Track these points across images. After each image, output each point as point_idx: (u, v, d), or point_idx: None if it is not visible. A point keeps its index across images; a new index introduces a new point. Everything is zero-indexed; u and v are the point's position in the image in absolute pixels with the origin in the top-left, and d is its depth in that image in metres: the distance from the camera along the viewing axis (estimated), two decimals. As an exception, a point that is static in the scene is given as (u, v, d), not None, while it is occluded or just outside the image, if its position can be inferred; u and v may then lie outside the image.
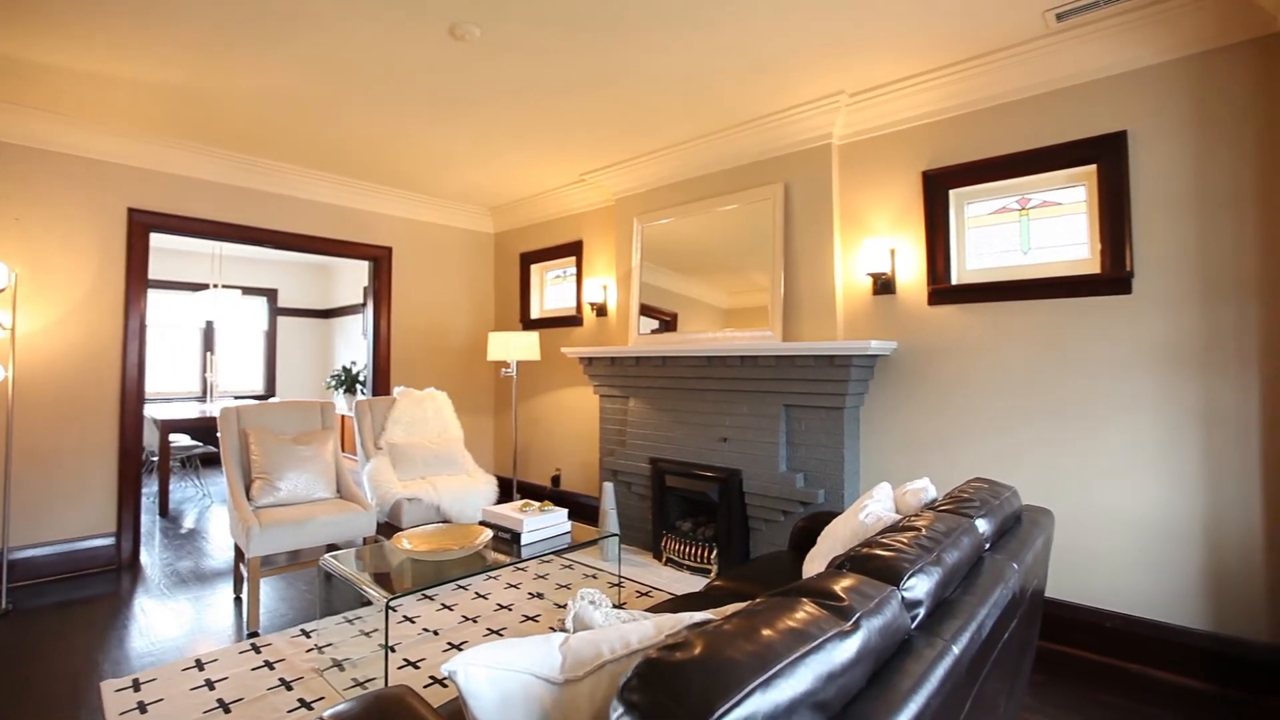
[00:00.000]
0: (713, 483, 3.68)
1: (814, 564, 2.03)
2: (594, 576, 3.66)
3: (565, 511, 3.07)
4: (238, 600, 3.33)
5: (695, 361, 3.80)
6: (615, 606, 2.69)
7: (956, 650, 1.16)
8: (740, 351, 3.51)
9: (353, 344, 8.32)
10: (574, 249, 5.23)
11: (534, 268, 5.73)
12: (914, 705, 0.96)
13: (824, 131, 3.51)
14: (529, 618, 3.06)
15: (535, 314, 5.73)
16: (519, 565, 3.77)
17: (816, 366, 3.27)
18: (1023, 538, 1.85)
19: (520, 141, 4.12)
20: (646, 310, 4.38)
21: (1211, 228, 2.51)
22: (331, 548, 3.47)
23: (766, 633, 0.90)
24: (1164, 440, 2.58)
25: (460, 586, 3.44)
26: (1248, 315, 2.42)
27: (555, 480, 5.35)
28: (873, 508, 1.93)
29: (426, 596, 3.30)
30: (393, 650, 2.70)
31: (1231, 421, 2.45)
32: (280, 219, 4.73)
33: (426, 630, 2.92)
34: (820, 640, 0.91)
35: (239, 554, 3.29)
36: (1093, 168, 2.79)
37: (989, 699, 1.50)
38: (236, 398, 8.05)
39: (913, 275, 3.28)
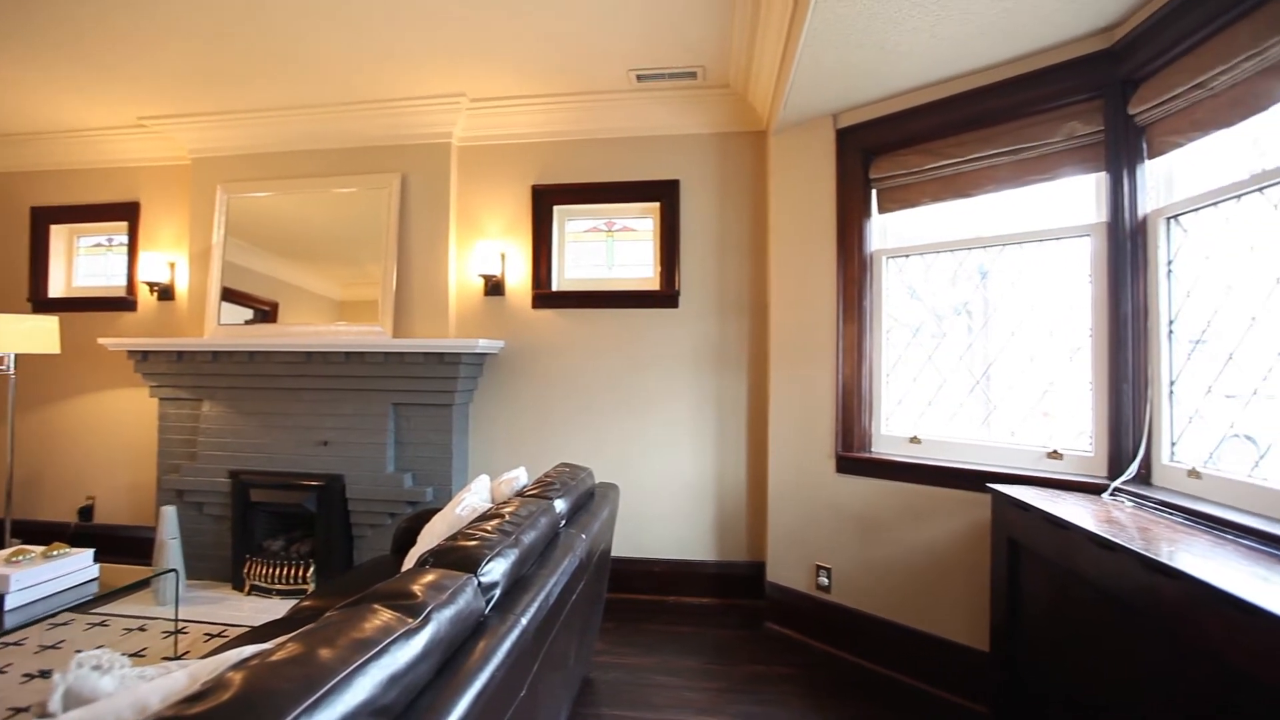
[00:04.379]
0: (310, 492, 3.32)
1: (412, 563, 2.02)
2: (142, 629, 2.90)
3: (91, 552, 2.36)
4: None
5: (293, 357, 3.36)
6: (173, 658, 2.20)
7: (525, 621, 1.30)
8: (346, 347, 3.25)
9: None
10: (126, 211, 4.05)
11: (57, 229, 4.23)
12: (479, 682, 1.04)
13: (445, 129, 3.51)
14: (18, 710, 2.25)
15: (57, 291, 4.24)
16: (3, 639, 2.73)
17: (427, 364, 3.25)
18: (593, 511, 2.19)
19: (40, 54, 2.97)
20: (237, 297, 3.68)
21: (725, 263, 3.40)
22: None
23: (323, 652, 0.86)
24: (694, 421, 3.39)
25: (-112, 689, 2.32)
26: (743, 328, 3.36)
27: (85, 513, 4.06)
28: (469, 500, 2.03)
29: None
30: None
31: (732, 404, 3.36)
32: None
33: None
34: (384, 645, 0.91)
35: None
36: (658, 205, 3.46)
37: (559, 654, 1.74)
38: None
39: (520, 279, 3.55)
